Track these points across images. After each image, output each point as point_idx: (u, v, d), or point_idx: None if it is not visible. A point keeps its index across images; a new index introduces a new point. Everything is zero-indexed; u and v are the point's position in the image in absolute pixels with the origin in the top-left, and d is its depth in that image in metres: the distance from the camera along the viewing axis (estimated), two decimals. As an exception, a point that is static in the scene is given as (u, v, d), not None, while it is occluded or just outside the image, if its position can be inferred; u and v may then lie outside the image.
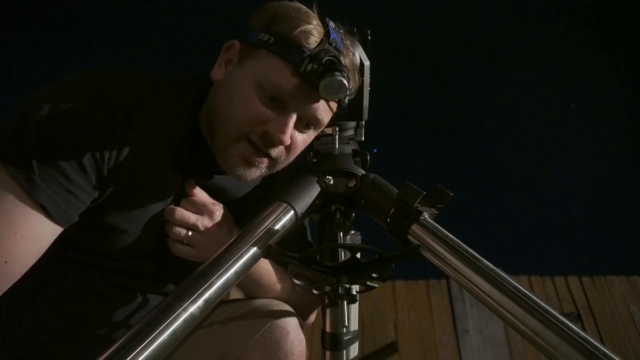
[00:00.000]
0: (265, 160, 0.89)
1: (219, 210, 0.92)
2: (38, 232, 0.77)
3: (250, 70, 0.85)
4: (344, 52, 0.85)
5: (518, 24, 4.23)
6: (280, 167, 0.93)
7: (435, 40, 4.11)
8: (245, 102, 0.84)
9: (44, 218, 0.77)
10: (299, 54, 0.81)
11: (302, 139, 0.90)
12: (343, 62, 0.83)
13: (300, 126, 0.88)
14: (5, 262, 0.75)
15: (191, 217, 0.89)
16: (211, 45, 0.95)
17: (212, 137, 0.90)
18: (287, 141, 0.86)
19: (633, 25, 4.14)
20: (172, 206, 0.90)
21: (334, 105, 0.89)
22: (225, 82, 0.89)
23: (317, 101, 0.85)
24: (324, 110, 0.87)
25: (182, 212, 0.89)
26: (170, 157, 0.89)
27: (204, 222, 0.89)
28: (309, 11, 0.85)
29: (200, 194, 0.92)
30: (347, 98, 0.89)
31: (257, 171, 0.90)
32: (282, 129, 0.84)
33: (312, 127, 0.90)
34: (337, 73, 0.79)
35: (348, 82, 0.81)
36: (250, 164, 0.88)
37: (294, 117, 0.85)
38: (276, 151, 0.88)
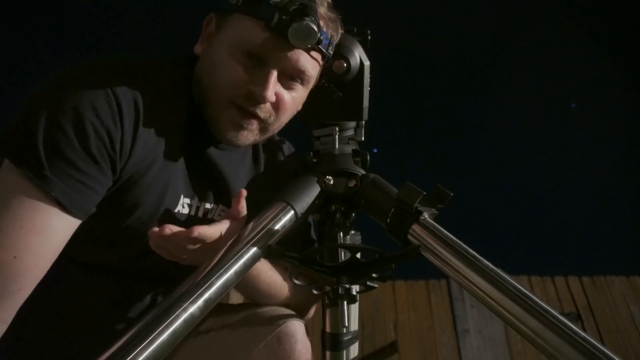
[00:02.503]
0: (255, 122, 0.88)
1: (213, 239, 0.82)
2: (49, 226, 0.76)
3: (225, 37, 0.86)
4: (317, 2, 0.84)
5: (518, 24, 4.23)
6: (272, 128, 0.92)
7: (436, 40, 4.11)
8: (226, 67, 0.85)
9: (57, 211, 0.76)
10: (267, 8, 0.81)
11: (291, 97, 0.89)
12: (313, 8, 0.82)
13: (286, 81, 0.88)
14: (15, 257, 0.74)
15: (182, 252, 0.82)
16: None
17: (205, 111, 0.90)
18: (271, 97, 0.85)
19: (633, 25, 4.14)
20: (165, 233, 0.79)
21: (316, 55, 0.88)
22: (206, 53, 0.90)
23: (294, 51, 0.84)
24: (305, 61, 0.86)
25: (173, 246, 0.82)
26: (175, 137, 0.88)
27: (190, 257, 0.83)
28: None
29: (197, 236, 0.80)
30: (329, 48, 0.88)
31: (249, 134, 0.90)
32: (264, 85, 0.84)
33: (299, 82, 0.89)
34: (306, 18, 0.79)
35: (318, 26, 0.81)
36: (240, 127, 0.88)
37: (274, 73, 0.85)
38: (263, 110, 0.88)
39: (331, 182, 0.89)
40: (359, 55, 0.96)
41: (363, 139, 1.07)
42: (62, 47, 3.91)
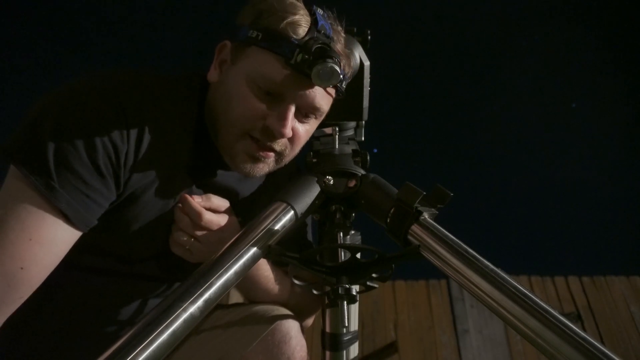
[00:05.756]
0: (271, 155, 0.89)
1: (224, 222, 0.91)
2: (54, 237, 0.77)
3: (243, 69, 0.85)
4: (334, 38, 0.84)
5: (518, 24, 4.22)
6: (286, 159, 0.93)
7: (436, 40, 4.11)
8: (242, 100, 0.85)
9: (62, 223, 0.77)
10: (288, 45, 0.81)
11: (305, 130, 0.90)
12: (334, 48, 0.82)
13: (301, 116, 0.88)
14: (21, 268, 0.75)
15: (197, 230, 0.88)
16: (209, 44, 0.95)
17: (216, 137, 0.90)
18: (289, 134, 0.86)
19: (633, 25, 4.14)
20: (182, 213, 0.89)
21: (331, 91, 0.89)
22: (222, 83, 0.89)
23: (313, 90, 0.85)
24: (321, 98, 0.87)
25: (189, 225, 0.88)
26: (180, 156, 0.89)
27: (207, 236, 0.89)
28: (294, 1, 0.85)
29: (210, 204, 0.90)
30: (343, 83, 0.89)
31: (265, 166, 0.91)
32: (282, 123, 0.84)
33: (313, 116, 0.90)
34: (329, 60, 0.79)
35: (340, 67, 0.81)
36: (256, 159, 0.89)
37: (292, 109, 0.85)
38: (280, 144, 0.88)
39: (331, 182, 0.89)
40: (358, 55, 0.96)
41: (363, 139, 1.07)
42: (62, 48, 3.91)
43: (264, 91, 0.84)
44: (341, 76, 0.82)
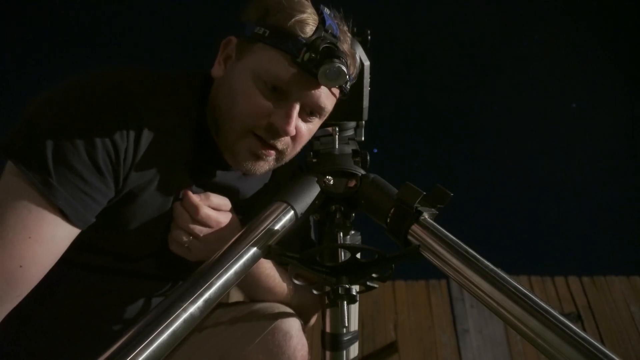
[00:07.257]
0: (273, 153, 0.89)
1: (224, 220, 0.91)
2: (53, 235, 0.77)
3: (249, 65, 0.85)
4: (341, 38, 0.85)
5: (518, 24, 4.23)
6: (287, 158, 0.93)
7: (436, 40, 4.11)
8: (247, 96, 0.85)
9: (61, 221, 0.77)
10: (295, 44, 0.81)
11: (307, 129, 0.90)
12: (340, 48, 0.83)
13: (305, 115, 0.88)
14: (20, 266, 0.74)
15: (195, 227, 0.89)
16: (211, 41, 0.94)
17: (217, 134, 0.90)
18: (293, 131, 0.86)
19: (633, 25, 4.14)
20: (181, 208, 0.89)
21: (335, 91, 0.89)
22: (226, 79, 0.89)
23: (318, 89, 0.85)
24: (326, 97, 0.87)
25: (188, 220, 0.89)
26: (180, 155, 0.89)
27: (206, 234, 0.89)
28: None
29: (210, 202, 0.90)
30: (348, 84, 0.89)
31: (265, 164, 0.90)
32: (287, 120, 0.84)
33: (317, 116, 0.90)
34: (336, 60, 0.79)
35: (347, 67, 0.81)
36: (258, 157, 0.89)
37: (297, 107, 0.85)
38: (282, 142, 0.88)
39: (331, 182, 0.89)
40: (359, 55, 0.96)
41: (363, 139, 1.07)
42: (62, 48, 3.91)
43: (270, 88, 0.84)
44: (347, 76, 0.82)
